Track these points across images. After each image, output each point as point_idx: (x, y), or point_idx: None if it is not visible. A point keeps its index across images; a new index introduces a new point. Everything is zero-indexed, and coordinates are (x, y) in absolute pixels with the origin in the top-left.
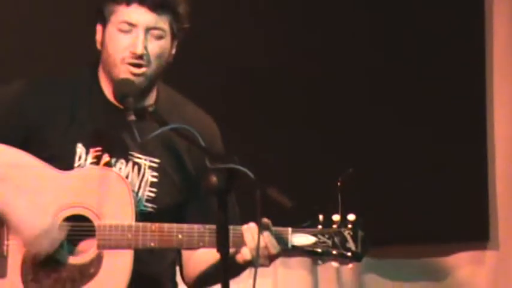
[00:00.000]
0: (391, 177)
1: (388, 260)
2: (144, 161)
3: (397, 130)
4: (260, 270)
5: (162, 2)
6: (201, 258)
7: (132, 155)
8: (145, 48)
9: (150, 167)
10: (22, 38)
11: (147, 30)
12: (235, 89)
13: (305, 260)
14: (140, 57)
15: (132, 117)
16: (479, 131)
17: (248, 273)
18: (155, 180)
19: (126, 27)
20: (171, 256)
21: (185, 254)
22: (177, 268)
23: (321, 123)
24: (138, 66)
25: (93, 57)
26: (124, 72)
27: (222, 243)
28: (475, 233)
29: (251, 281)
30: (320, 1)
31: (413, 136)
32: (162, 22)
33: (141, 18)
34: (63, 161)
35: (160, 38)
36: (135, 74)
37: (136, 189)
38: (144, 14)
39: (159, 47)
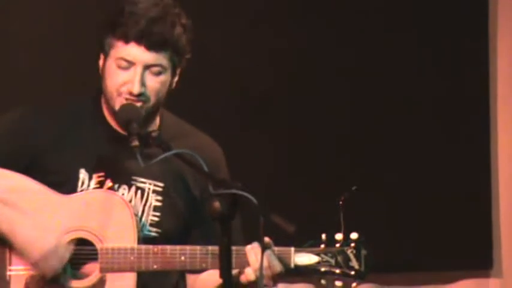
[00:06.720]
0: (394, 205)
1: (392, 287)
2: (148, 185)
3: (400, 157)
4: None
5: (161, 41)
6: (206, 281)
7: (136, 180)
8: (144, 85)
9: (154, 191)
10: (26, 66)
11: (146, 67)
12: (234, 110)
13: (308, 287)
14: (138, 95)
15: (136, 143)
16: (483, 159)
17: None
18: (159, 204)
19: (124, 64)
20: (175, 278)
21: (190, 278)
22: None
23: (324, 145)
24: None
25: (97, 84)
26: (121, 102)
27: (225, 268)
28: (479, 261)
29: None
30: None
31: (417, 163)
32: (162, 58)
33: (139, 56)
34: (66, 187)
35: (159, 74)
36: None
37: (140, 214)
38: (143, 52)
39: (158, 82)
